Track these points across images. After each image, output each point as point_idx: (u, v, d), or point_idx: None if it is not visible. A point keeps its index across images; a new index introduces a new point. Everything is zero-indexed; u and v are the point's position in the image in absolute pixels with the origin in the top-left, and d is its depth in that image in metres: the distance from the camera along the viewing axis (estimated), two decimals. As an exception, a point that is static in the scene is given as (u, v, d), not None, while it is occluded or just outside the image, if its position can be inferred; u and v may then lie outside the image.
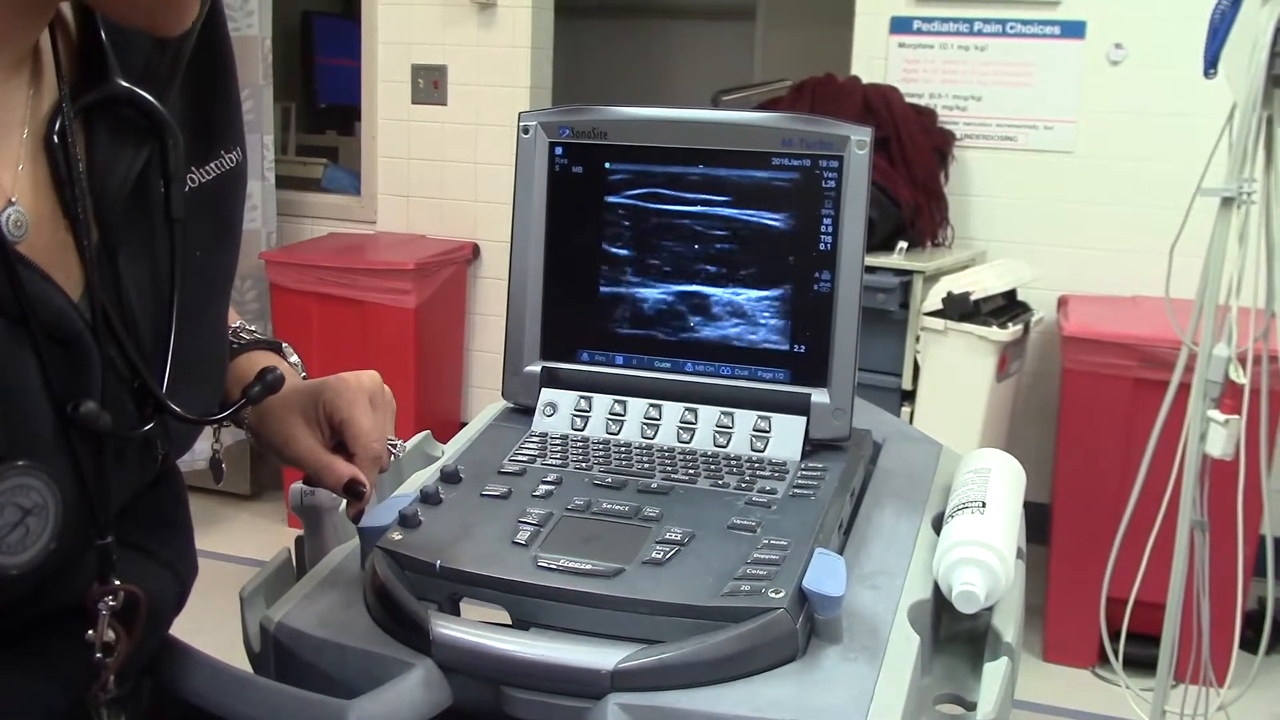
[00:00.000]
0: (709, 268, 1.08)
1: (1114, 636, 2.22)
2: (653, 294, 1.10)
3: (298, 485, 0.99)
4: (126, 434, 0.73)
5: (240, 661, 0.90)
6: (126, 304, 0.74)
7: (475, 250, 3.81)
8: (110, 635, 0.75)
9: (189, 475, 0.91)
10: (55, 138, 0.70)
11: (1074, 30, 3.28)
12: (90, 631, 0.74)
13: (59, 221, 0.71)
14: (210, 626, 1.13)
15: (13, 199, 0.68)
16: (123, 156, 0.74)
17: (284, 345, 0.98)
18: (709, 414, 1.08)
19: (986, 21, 3.35)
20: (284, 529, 3.55)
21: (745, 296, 1.08)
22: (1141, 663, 2.41)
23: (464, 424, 1.17)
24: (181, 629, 0.88)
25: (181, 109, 0.79)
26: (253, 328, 0.98)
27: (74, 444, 0.69)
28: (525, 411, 1.13)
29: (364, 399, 0.91)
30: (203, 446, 0.92)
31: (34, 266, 0.67)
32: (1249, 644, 2.36)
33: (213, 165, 0.81)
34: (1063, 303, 3.16)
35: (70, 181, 0.70)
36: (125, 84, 0.74)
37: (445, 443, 1.19)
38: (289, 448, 0.90)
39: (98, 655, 0.75)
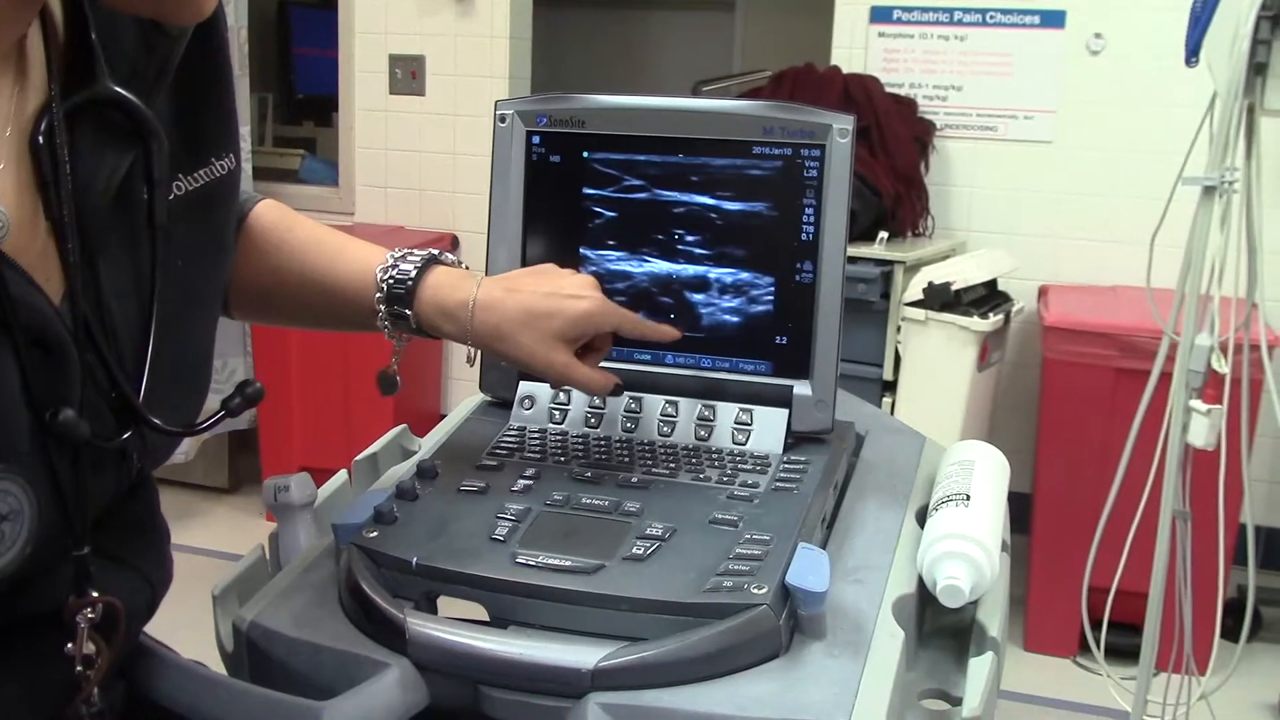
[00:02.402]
0: (689, 259, 1.07)
1: (1095, 626, 2.22)
2: (632, 285, 1.08)
3: (271, 481, 0.97)
4: (104, 443, 0.72)
5: (217, 659, 0.88)
6: (106, 311, 0.72)
7: (454, 241, 3.78)
8: (90, 648, 0.73)
9: (167, 469, 0.89)
10: (41, 139, 0.68)
11: (1054, 20, 3.28)
12: (70, 644, 0.72)
13: (40, 224, 0.69)
14: (188, 623, 1.11)
15: None
16: (107, 160, 0.72)
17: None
18: (689, 407, 1.07)
19: (966, 11, 3.34)
20: (262, 523, 3.53)
21: (726, 287, 1.06)
22: (1123, 652, 2.41)
23: (443, 417, 1.16)
24: (159, 626, 0.86)
25: (171, 113, 0.77)
26: (405, 254, 0.99)
27: (51, 451, 0.68)
28: (503, 405, 1.12)
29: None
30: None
31: (18, 269, 0.65)
32: (1230, 632, 2.36)
33: (202, 172, 0.79)
34: (1043, 293, 3.17)
35: (56, 184, 0.68)
36: (113, 86, 0.71)
37: (424, 436, 1.17)
38: (537, 362, 0.98)
39: (78, 669, 0.73)
